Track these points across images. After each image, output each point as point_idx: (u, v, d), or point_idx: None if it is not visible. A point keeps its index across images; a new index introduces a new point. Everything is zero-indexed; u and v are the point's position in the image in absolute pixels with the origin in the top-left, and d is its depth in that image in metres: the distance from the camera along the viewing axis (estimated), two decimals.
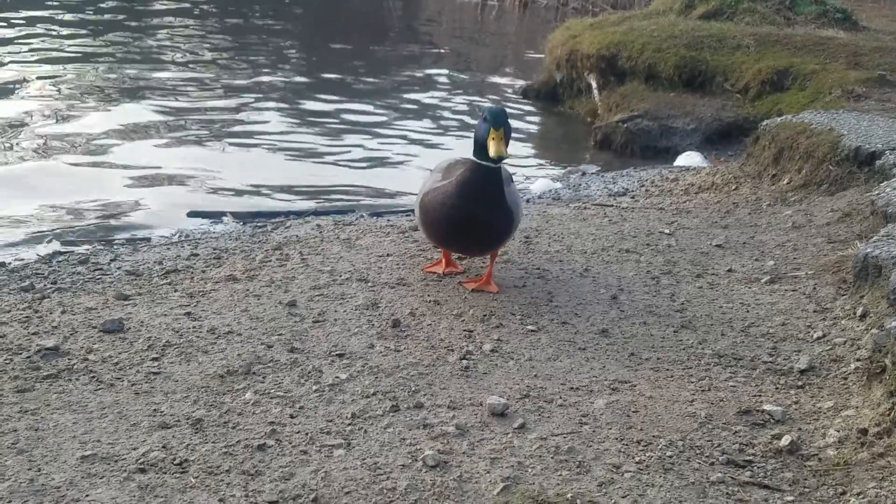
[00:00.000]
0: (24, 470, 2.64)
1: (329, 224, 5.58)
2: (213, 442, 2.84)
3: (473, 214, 3.91)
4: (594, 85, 9.90)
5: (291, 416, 3.02)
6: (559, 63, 10.71)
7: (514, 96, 11.56)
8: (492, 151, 3.79)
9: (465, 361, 3.44)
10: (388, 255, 4.78)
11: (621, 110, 9.05)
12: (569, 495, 2.56)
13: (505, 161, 3.96)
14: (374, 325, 3.80)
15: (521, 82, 12.04)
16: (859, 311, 3.80)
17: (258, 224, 5.81)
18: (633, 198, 6.38)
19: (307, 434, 2.90)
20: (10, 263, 4.97)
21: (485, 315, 3.92)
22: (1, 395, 3.09)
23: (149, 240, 5.59)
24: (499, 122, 3.84)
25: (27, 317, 3.85)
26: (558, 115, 10.59)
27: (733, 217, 5.64)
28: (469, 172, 3.93)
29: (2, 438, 2.82)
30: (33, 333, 3.65)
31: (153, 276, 4.51)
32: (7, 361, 3.36)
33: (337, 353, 3.52)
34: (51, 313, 3.90)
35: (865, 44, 9.12)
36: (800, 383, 3.31)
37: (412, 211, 6.11)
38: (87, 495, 2.52)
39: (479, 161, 3.92)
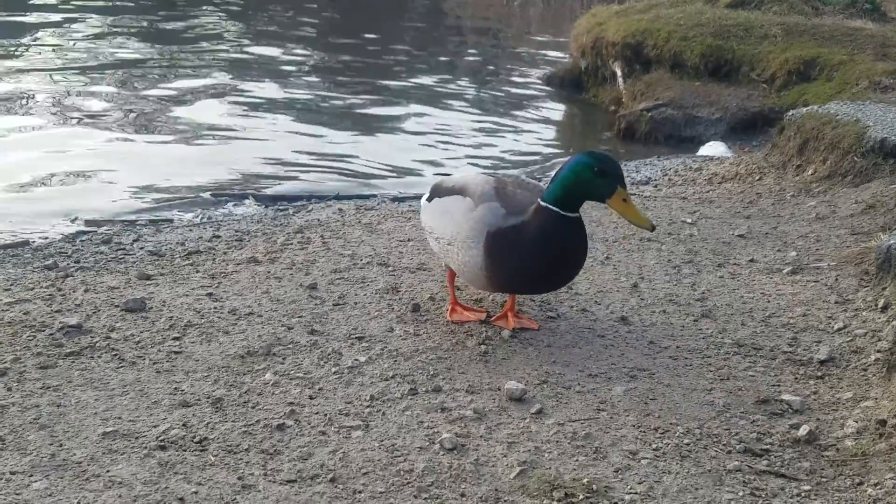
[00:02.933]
0: (45, 445, 2.69)
1: (351, 208, 5.60)
2: (232, 421, 2.87)
3: (562, 269, 3.34)
4: (619, 73, 9.84)
5: (310, 398, 3.04)
6: (584, 50, 10.65)
7: (538, 83, 11.51)
8: (642, 224, 3.19)
9: (483, 347, 3.45)
10: (408, 239, 4.79)
11: (646, 99, 8.99)
12: (585, 480, 2.57)
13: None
14: (393, 309, 3.81)
15: (545, 70, 11.99)
16: (881, 302, 3.76)
17: (280, 207, 5.84)
18: (655, 187, 6.34)
19: (326, 415, 2.92)
20: (34, 242, 5.05)
21: (504, 301, 3.91)
22: (24, 372, 3.14)
23: (171, 221, 5.63)
24: (620, 174, 3.18)
25: (50, 294, 3.90)
26: (582, 102, 10.54)
27: (756, 207, 5.59)
28: (554, 224, 3.21)
29: (24, 414, 2.86)
30: (56, 311, 3.70)
31: (175, 257, 4.55)
32: (31, 338, 3.40)
33: (356, 335, 3.54)
34: (74, 291, 3.95)
35: (894, 35, 8.99)
36: (819, 374, 3.29)
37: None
38: (107, 471, 2.56)
39: (562, 213, 3.20)
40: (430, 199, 3.73)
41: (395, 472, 2.61)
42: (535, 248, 3.22)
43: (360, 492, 2.51)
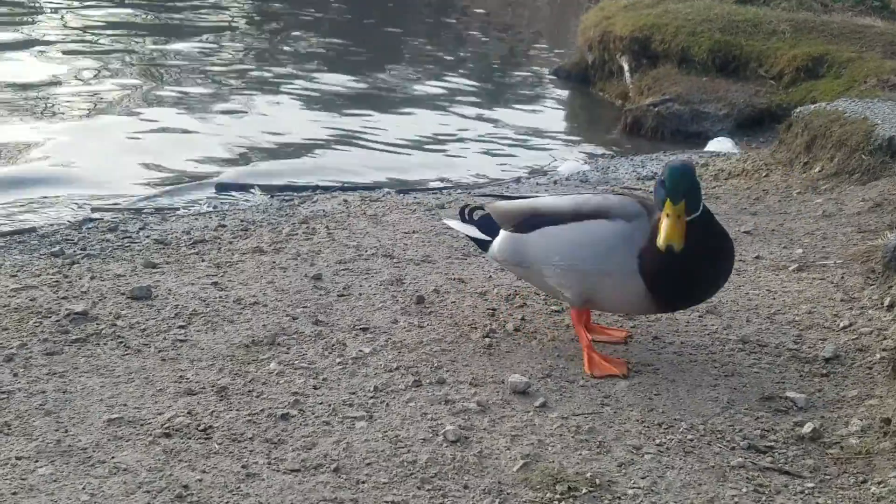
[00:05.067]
0: (51, 430, 2.70)
1: (356, 199, 5.60)
2: (237, 410, 2.87)
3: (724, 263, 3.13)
4: (626, 67, 9.81)
5: (315, 388, 3.05)
6: (591, 44, 10.62)
7: (544, 77, 11.49)
8: (660, 238, 2.86)
9: (488, 339, 3.45)
10: (413, 231, 4.79)
11: (653, 93, 8.96)
12: (588, 474, 2.57)
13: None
14: (398, 301, 3.81)
15: (552, 63, 11.96)
16: (887, 301, 3.75)
17: (285, 197, 5.83)
18: None
19: (330, 405, 2.93)
20: (40, 228, 5.05)
21: (509, 294, 3.92)
22: (30, 358, 3.15)
23: (177, 210, 5.64)
24: (678, 190, 2.86)
25: (57, 281, 3.91)
26: (588, 96, 10.51)
27: (763, 204, 5.58)
28: (704, 228, 2.99)
29: (30, 399, 2.87)
30: (63, 298, 3.71)
31: (181, 246, 4.55)
32: (37, 324, 3.41)
33: (361, 326, 3.54)
34: (80, 279, 3.96)
35: None
36: (824, 371, 3.28)
37: (439, 190, 6.12)
38: (112, 457, 2.57)
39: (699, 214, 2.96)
40: (520, 230, 3.28)
41: (398, 463, 2.61)
42: (702, 256, 2.98)
43: (363, 482, 2.52)
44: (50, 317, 3.49)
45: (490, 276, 4.14)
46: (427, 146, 7.85)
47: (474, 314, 3.70)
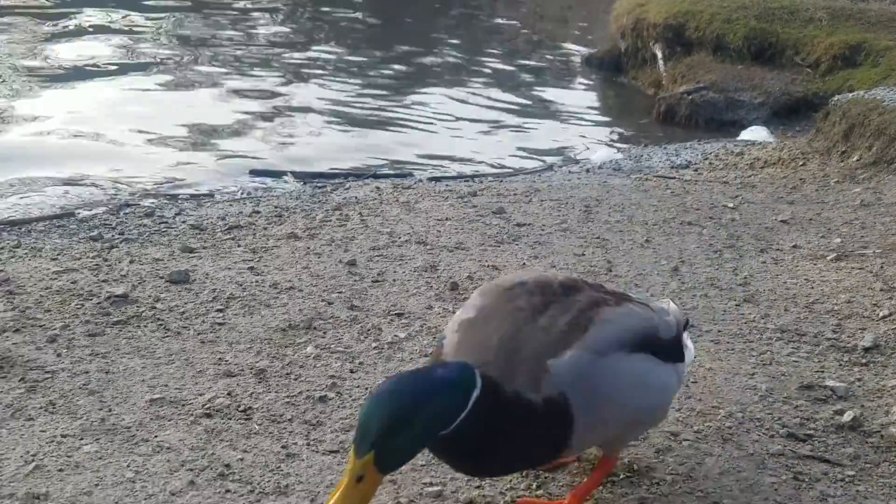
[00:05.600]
0: (95, 410, 2.74)
1: (388, 187, 5.61)
2: (275, 392, 2.90)
3: None
4: (659, 55, 9.74)
5: (351, 371, 3.07)
6: (624, 32, 10.54)
7: (576, 65, 11.42)
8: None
9: None
10: (446, 219, 4.79)
11: (686, 81, 8.89)
12: (626, 460, 2.57)
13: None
14: (432, 287, 3.82)
15: (584, 51, 11.89)
16: None
17: (318, 184, 5.87)
18: (696, 171, 6.28)
19: (367, 389, 2.94)
20: (79, 213, 5.11)
21: None
22: (73, 339, 3.20)
23: (212, 196, 5.69)
24: (367, 433, 1.80)
25: (97, 265, 3.96)
26: (621, 85, 10.45)
27: (800, 193, 5.53)
28: None
29: (74, 379, 2.92)
30: (103, 281, 3.76)
31: (217, 231, 4.59)
32: (79, 306, 3.47)
33: (396, 312, 3.56)
34: (119, 262, 4.01)
35: None
36: (864, 361, 3.25)
37: (471, 177, 6.13)
38: (155, 436, 2.61)
39: None
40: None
41: None
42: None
43: None
44: (91, 299, 3.54)
45: (524, 263, 4.14)
46: (458, 133, 7.85)
47: None
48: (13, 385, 2.85)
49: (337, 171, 6.34)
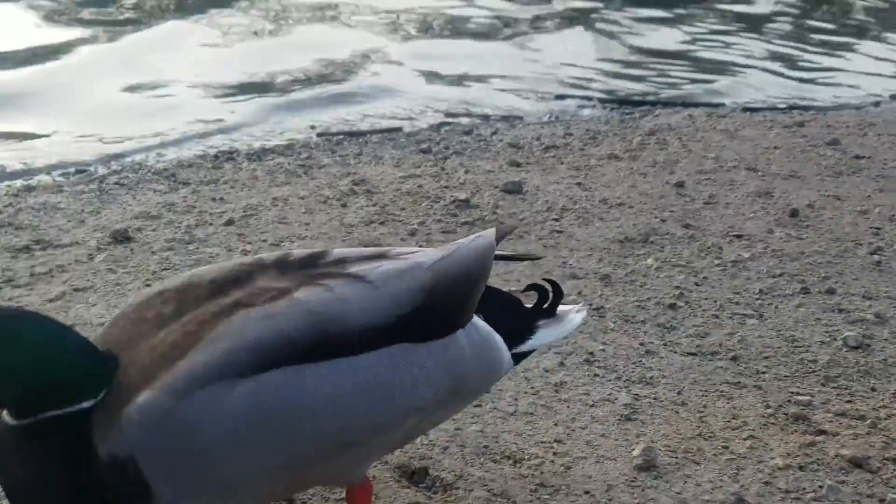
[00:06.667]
0: None
1: (701, 115, 5.47)
2: (623, 296, 2.99)
3: None
4: None
5: (696, 284, 3.08)
6: None
7: None
8: None
9: (875, 256, 3.28)
10: (775, 147, 4.61)
11: None
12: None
13: None
14: (769, 213, 3.72)
15: None
16: None
17: (625, 111, 5.84)
18: None
19: (715, 301, 2.95)
20: (404, 128, 5.47)
21: (893, 215, 3.68)
22: (430, 234, 3.47)
23: (521, 118, 5.84)
24: None
25: (436, 173, 4.24)
26: None
27: None
28: None
29: None
30: (445, 187, 4.02)
31: (535, 150, 4.73)
32: (429, 207, 3.74)
33: (734, 234, 3.51)
34: (455, 172, 4.26)
35: None
36: None
37: (790, 109, 5.81)
38: None
39: None
40: None
41: (797, 361, 2.59)
42: None
43: (763, 373, 2.53)
44: (438, 202, 3.80)
45: (869, 196, 3.90)
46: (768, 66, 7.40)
47: (856, 231, 3.53)
48: None
49: (643, 98, 6.26)
